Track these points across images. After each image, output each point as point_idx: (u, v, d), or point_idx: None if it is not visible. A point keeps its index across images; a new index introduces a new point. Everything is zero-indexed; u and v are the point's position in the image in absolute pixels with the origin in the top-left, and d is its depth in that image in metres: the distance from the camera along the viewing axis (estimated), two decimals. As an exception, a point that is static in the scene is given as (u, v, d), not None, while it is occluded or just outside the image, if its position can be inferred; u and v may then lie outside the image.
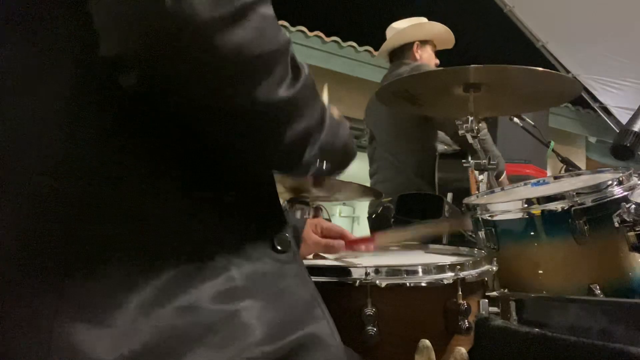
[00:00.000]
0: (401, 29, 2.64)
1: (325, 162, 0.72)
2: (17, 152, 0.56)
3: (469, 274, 0.95)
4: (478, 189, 2.31)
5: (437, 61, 2.69)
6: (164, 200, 0.58)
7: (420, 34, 2.63)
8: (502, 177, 2.37)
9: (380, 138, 2.65)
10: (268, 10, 0.57)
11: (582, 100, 5.42)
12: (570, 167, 2.08)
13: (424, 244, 1.36)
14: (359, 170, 1.01)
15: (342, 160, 0.80)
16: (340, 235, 1.17)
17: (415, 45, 2.62)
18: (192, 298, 0.55)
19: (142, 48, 0.51)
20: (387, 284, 0.89)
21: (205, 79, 0.54)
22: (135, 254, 0.55)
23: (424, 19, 2.67)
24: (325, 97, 1.05)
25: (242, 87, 0.55)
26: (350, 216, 7.94)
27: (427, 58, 2.63)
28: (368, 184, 2.63)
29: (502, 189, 1.47)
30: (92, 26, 0.53)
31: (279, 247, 0.67)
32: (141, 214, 0.56)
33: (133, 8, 0.49)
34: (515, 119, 2.16)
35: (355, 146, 0.83)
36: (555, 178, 1.45)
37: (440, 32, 2.65)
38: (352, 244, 1.18)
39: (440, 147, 2.50)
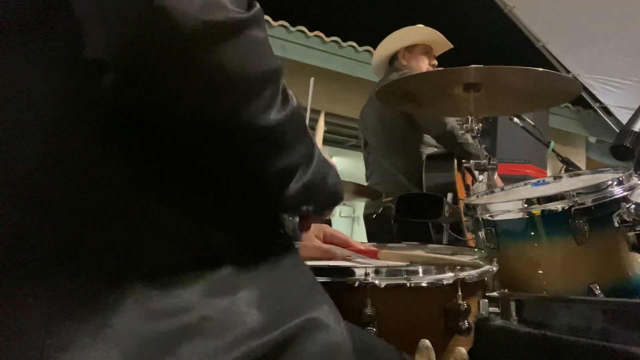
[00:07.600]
0: (382, 43, 2.66)
1: (309, 202, 0.71)
2: (8, 152, 0.55)
3: (469, 274, 0.94)
4: (467, 188, 2.34)
5: (435, 62, 2.67)
6: (155, 201, 0.57)
7: (402, 41, 2.62)
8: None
9: (372, 143, 2.72)
10: (259, 32, 0.56)
11: (582, 100, 5.43)
12: (570, 167, 2.08)
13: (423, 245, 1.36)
14: (357, 170, 1.01)
15: (327, 203, 0.78)
16: (344, 243, 1.12)
17: (400, 53, 2.62)
18: (190, 293, 0.55)
19: (123, 50, 0.51)
20: (386, 284, 0.89)
21: (184, 91, 0.53)
22: (128, 254, 0.54)
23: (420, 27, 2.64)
24: (310, 93, 1.03)
25: (218, 106, 0.55)
26: (350, 216, 7.93)
27: (415, 63, 2.61)
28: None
29: (502, 189, 1.47)
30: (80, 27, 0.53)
31: (277, 241, 0.67)
32: (133, 215, 0.56)
33: (120, 7, 0.49)
34: (515, 119, 2.16)
35: (343, 190, 0.82)
36: (555, 178, 1.45)
37: (424, 33, 2.62)
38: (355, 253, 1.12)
39: (430, 150, 2.55)
